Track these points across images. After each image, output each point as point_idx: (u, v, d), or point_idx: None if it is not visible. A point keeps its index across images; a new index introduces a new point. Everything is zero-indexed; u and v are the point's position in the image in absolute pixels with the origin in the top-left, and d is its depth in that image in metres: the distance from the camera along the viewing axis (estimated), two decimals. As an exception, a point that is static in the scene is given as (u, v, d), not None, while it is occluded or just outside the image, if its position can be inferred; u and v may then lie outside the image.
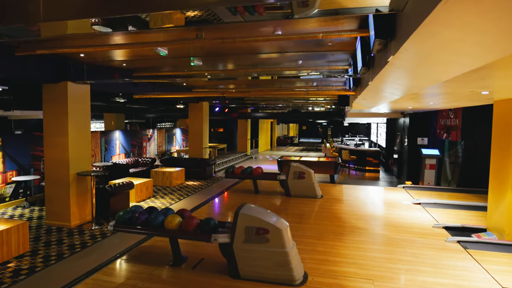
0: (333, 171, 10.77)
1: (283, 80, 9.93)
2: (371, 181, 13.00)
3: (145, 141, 14.46)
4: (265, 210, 3.92)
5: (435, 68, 2.80)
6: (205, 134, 14.01)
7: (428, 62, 2.63)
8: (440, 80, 3.27)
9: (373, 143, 22.69)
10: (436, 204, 7.31)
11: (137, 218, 4.06)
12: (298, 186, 7.87)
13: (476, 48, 2.09)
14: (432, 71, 2.98)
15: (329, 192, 8.55)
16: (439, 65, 2.70)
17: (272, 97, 14.71)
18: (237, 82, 10.42)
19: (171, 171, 11.45)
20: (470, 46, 2.05)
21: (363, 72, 4.46)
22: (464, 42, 1.98)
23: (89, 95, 7.23)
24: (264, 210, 3.91)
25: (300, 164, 7.92)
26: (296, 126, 40.68)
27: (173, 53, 5.96)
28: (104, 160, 11.81)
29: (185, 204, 8.99)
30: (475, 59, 2.32)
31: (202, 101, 13.75)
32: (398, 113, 13.44)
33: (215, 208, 7.30)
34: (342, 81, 9.95)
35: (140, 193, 9.26)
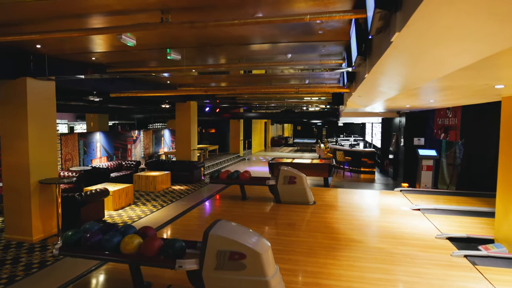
0: (327, 174, 10.16)
1: (274, 77, 9.30)
2: (366, 183, 12.41)
3: (129, 143, 13.73)
4: (242, 228, 3.26)
5: (451, 49, 2.17)
6: (193, 135, 13.32)
7: (444, 41, 1.99)
8: (453, 68, 2.64)
9: (368, 144, 22.15)
10: (436, 210, 6.71)
11: (88, 239, 3.37)
12: (288, 191, 7.23)
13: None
14: (447, 55, 2.35)
15: (323, 197, 7.92)
16: (457, 45, 2.07)
17: (263, 96, 14.10)
18: (223, 80, 9.77)
19: (156, 175, 10.75)
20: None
21: (359, 63, 3.83)
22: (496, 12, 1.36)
23: (54, 93, 6.52)
24: (241, 228, 3.25)
25: (290, 168, 7.27)
26: (291, 127, 40.11)
27: (145, 43, 5.29)
28: (83, 164, 11.08)
29: (167, 212, 8.30)
30: (502, 37, 1.70)
31: (190, 101, 13.06)
32: (394, 113, 12.88)
33: (195, 219, 6.63)
34: (336, 78, 9.34)
35: (118, 200, 8.55)
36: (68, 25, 4.19)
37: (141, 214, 8.07)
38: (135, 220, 7.58)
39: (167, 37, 4.79)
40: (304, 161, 11.29)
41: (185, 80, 9.94)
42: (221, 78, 9.69)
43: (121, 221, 7.53)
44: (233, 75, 8.66)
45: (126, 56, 6.50)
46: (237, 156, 19.87)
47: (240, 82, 10.07)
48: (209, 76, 9.51)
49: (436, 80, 3.34)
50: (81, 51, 5.80)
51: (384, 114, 13.29)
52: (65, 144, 10.34)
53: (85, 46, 5.47)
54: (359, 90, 5.56)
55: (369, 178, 13.54)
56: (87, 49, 5.66)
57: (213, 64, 7.18)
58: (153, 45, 5.38)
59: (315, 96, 13.38)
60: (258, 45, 5.34)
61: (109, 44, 5.34)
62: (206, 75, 9.33)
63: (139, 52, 6.13)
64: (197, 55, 6.42)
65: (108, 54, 6.21)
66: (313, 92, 9.58)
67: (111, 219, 7.68)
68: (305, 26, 4.20)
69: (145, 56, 6.52)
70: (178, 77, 9.32)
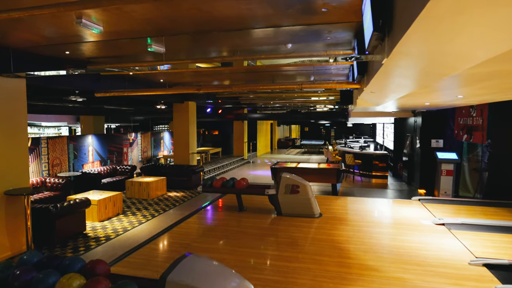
0: (335, 180, 9.23)
1: (275, 74, 8.42)
2: (378, 189, 11.42)
3: (125, 146, 12.98)
4: (218, 268, 2.39)
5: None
6: (192, 138, 12.51)
7: None
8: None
9: (379, 145, 21.08)
10: (464, 225, 5.74)
11: (17, 277, 2.54)
12: (291, 202, 6.34)
13: None
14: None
15: (330, 208, 7.01)
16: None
17: (267, 96, 13.23)
18: (221, 77, 8.92)
19: (149, 181, 9.95)
20: None
21: (375, 44, 2.94)
22: None
23: (24, 92, 5.75)
24: (216, 269, 2.37)
25: (293, 175, 6.38)
26: (298, 128, 39.10)
27: (128, 31, 4.47)
28: (73, 169, 10.35)
29: (155, 224, 7.48)
30: None
31: (188, 101, 12.26)
32: (409, 112, 11.87)
33: (181, 236, 5.76)
34: (344, 74, 8.41)
35: (104, 210, 7.76)
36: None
37: (128, 226, 7.27)
38: (119, 234, 6.78)
39: (147, 23, 3.96)
40: (310, 165, 10.37)
41: (181, 78, 9.14)
42: (219, 76, 8.86)
43: (104, 234, 6.73)
44: (231, 71, 7.81)
45: (109, 50, 5.70)
46: (241, 159, 19.02)
47: (239, 79, 9.22)
48: (205, 73, 8.69)
49: (482, 63, 2.42)
50: (49, 42, 5.00)
51: (397, 113, 12.29)
52: (52, 148, 9.63)
53: (49, 36, 4.67)
54: (372, 85, 4.65)
55: (381, 183, 12.54)
56: (54, 40, 4.87)
57: (204, 58, 6.34)
58: (136, 33, 4.56)
59: (322, 95, 12.45)
60: (251, 30, 4.47)
61: (84, 33, 4.54)
62: (200, 72, 8.50)
63: (124, 45, 5.32)
64: (185, 47, 5.58)
65: (88, 46, 5.41)
66: (318, 90, 8.67)
67: (93, 232, 6.89)
68: (305, 2, 3.32)
69: (133, 49, 5.71)
70: (172, 75, 8.51)
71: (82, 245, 6.14)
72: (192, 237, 5.55)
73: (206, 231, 5.84)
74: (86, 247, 6.01)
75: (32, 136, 9.95)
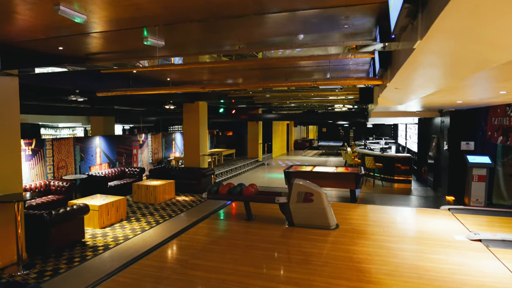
0: (354, 185, 8.51)
1: (289, 71, 7.81)
2: (401, 195, 10.59)
3: (135, 147, 12.65)
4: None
5: None
6: (202, 139, 12.04)
7: None
8: None
9: (401, 147, 20.05)
10: (505, 242, 4.95)
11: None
12: (303, 212, 5.71)
13: None
14: None
15: (348, 217, 6.33)
16: None
17: (281, 94, 12.62)
18: (230, 75, 8.38)
19: (156, 184, 9.51)
20: None
21: (403, 24, 2.29)
22: None
23: (16, 91, 5.37)
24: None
25: (306, 182, 5.75)
26: (316, 128, 38.20)
27: (111, 20, 3.98)
28: (79, 171, 10.05)
29: (158, 232, 7.00)
30: None
31: (198, 101, 11.79)
32: (435, 112, 10.98)
33: (179, 251, 5.23)
34: (364, 70, 7.70)
35: (107, 216, 7.35)
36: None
37: (130, 234, 6.81)
38: (119, 242, 6.33)
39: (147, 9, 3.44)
40: (327, 169, 9.67)
41: (189, 76, 8.65)
42: (230, 74, 8.32)
43: (103, 243, 6.30)
44: (244, 67, 7.23)
45: (107, 44, 5.23)
46: (255, 161, 18.44)
47: (251, 77, 8.65)
48: (215, 70, 8.16)
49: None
50: (33, 36, 4.57)
51: (422, 113, 11.42)
52: (57, 150, 9.34)
53: (33, 29, 4.23)
54: (397, 79, 3.97)
55: (404, 188, 11.68)
56: (40, 33, 4.43)
57: (213, 51, 5.81)
58: (135, 21, 4.06)
59: (341, 94, 11.73)
60: (263, 18, 3.89)
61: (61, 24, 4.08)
62: (210, 69, 7.98)
63: (123, 38, 4.84)
64: (191, 40, 5.06)
65: (82, 40, 4.96)
66: (336, 88, 7.99)
67: (93, 240, 6.47)
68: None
69: (134, 44, 5.23)
70: (179, 73, 8.04)
71: (78, 255, 5.71)
72: (192, 251, 5.00)
73: (208, 244, 5.28)
74: (81, 257, 5.58)
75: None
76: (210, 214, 7.51)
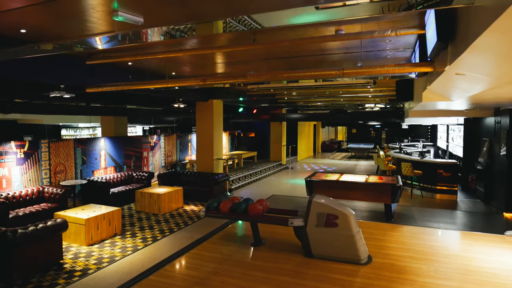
0: (390, 199, 7.03)
1: (310, 60, 6.49)
2: (446, 210, 8.93)
3: (146, 150, 11.75)
4: None
5: None
6: (217, 141, 10.93)
7: None
8: None
9: (440, 151, 17.99)
10: None
11: None
12: (325, 239, 4.38)
13: None
14: None
15: (383, 244, 4.92)
16: None
17: (305, 91, 11.27)
18: (240, 67, 7.18)
19: (161, 192, 8.48)
20: None
21: None
22: None
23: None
24: None
25: (328, 200, 4.42)
26: (345, 130, 36.22)
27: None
28: (80, 176, 9.22)
29: (153, 253, 5.92)
30: None
31: (213, 99, 10.69)
32: (488, 110, 9.21)
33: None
34: (404, 57, 6.21)
35: (96, 231, 6.36)
36: None
37: (117, 255, 5.77)
38: (101, 267, 5.29)
39: None
40: (357, 178, 8.22)
41: (200, 70, 7.55)
42: (244, 65, 7.13)
43: (83, 266, 5.28)
44: (256, 53, 6.02)
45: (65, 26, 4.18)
46: (278, 165, 17.14)
47: (269, 68, 7.40)
48: (229, 60, 6.98)
49: None
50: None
51: (470, 112, 9.65)
52: (55, 153, 8.54)
53: None
54: (468, 58, 2.58)
55: (448, 201, 9.97)
56: None
57: (211, 47, 4.64)
58: None
59: (373, 90, 10.20)
60: None
61: None
62: (217, 60, 6.83)
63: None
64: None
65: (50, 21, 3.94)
66: (365, 78, 6.56)
67: (72, 261, 5.47)
68: None
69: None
70: (190, 64, 6.95)
71: (48, 282, 4.72)
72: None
73: (194, 285, 4.08)
74: (51, 287, 4.57)
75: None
76: (212, 233, 6.32)
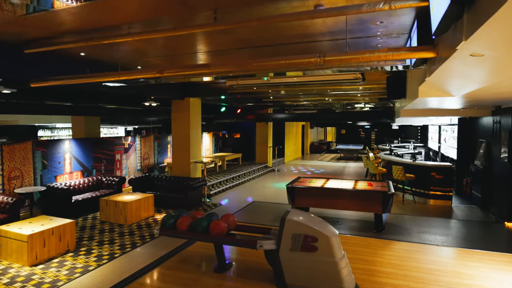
0: (381, 209, 6.27)
1: (288, 48, 5.68)
2: (441, 218, 8.22)
3: (119, 152, 10.80)
4: None
5: None
6: (194, 143, 10.05)
7: None
8: None
9: (431, 152, 17.41)
10: None
11: None
12: (301, 266, 3.56)
13: None
14: None
15: (373, 267, 4.13)
16: None
17: (290, 89, 10.47)
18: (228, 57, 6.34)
19: (127, 200, 7.58)
20: None
21: None
22: None
23: None
24: None
25: (307, 217, 3.60)
26: (334, 130, 35.64)
27: None
28: (41, 182, 8.25)
29: (104, 276, 5.04)
30: None
31: (189, 97, 9.82)
32: (486, 109, 8.54)
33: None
34: (398, 47, 5.44)
35: (42, 248, 5.45)
36: None
37: (63, 279, 4.86)
38: (40, 295, 4.39)
39: None
40: (344, 185, 7.43)
41: (180, 63, 6.68)
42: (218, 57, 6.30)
43: (16, 295, 4.38)
44: (225, 47, 5.19)
45: None
46: (264, 167, 16.33)
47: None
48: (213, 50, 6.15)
49: None
50: None
51: (466, 112, 8.99)
52: (9, 157, 7.56)
53: None
54: (497, 24, 1.79)
55: (442, 207, 9.30)
56: None
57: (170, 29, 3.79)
58: None
59: (363, 87, 9.45)
60: None
61: None
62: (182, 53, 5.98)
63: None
64: None
65: None
66: (356, 70, 5.78)
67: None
68: None
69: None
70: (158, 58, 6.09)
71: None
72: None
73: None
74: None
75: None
76: (173, 253, 5.44)
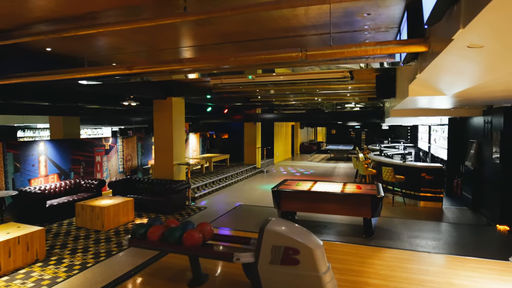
0: (370, 213, 5.98)
1: (271, 43, 5.34)
2: (432, 222, 7.99)
3: (99, 154, 10.33)
4: None
5: None
6: (177, 144, 9.66)
7: None
8: None
9: (421, 152, 17.32)
10: None
11: None
12: (282, 281, 3.22)
13: None
14: None
15: (361, 279, 3.82)
16: None
17: (278, 88, 10.15)
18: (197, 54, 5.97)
19: (104, 205, 7.15)
20: None
21: None
22: None
23: None
24: None
25: (288, 227, 3.27)
26: (325, 130, 35.51)
27: None
28: (13, 186, 7.76)
29: (76, 285, 4.62)
30: None
31: (172, 96, 9.42)
32: (477, 109, 8.34)
33: None
34: (387, 40, 5.15)
35: (7, 258, 5.01)
36: None
37: (25, 293, 4.45)
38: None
39: None
40: (332, 188, 7.12)
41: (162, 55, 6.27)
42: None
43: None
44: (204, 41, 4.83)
45: None
46: (252, 168, 15.99)
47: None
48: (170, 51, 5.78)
49: None
50: None
51: (457, 111, 8.77)
52: (-25, 160, 7.10)
53: None
54: (488, 15, 1.46)
55: (433, 209, 9.08)
56: None
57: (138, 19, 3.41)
58: None
59: (353, 87, 9.20)
60: None
61: None
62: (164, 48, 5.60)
63: None
64: None
65: None
66: (343, 67, 5.48)
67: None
68: None
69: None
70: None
71: None
72: None
73: None
74: None
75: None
76: (147, 264, 5.07)
